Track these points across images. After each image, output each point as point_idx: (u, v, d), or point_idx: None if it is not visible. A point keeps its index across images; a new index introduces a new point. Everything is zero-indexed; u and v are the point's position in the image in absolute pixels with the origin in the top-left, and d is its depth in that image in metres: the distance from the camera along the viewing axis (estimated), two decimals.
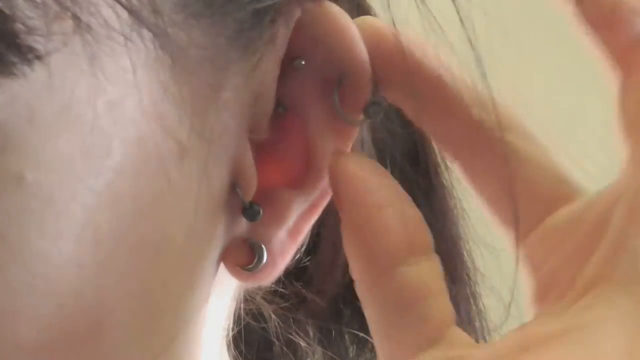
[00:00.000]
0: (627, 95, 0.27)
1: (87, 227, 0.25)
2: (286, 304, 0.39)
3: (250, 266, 0.30)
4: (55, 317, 0.25)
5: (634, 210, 0.26)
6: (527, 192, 0.29)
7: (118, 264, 0.26)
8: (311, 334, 0.40)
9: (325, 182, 0.31)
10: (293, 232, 0.31)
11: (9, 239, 0.24)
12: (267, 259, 0.30)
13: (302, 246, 0.37)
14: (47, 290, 0.25)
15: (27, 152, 0.24)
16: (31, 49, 0.23)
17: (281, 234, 0.31)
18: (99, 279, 0.26)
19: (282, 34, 0.29)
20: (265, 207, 0.30)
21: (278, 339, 0.40)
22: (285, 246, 0.31)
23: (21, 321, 0.25)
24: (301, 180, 0.31)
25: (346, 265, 0.30)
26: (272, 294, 0.38)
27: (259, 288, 0.37)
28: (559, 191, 0.29)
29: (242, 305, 0.36)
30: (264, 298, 0.38)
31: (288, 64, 0.30)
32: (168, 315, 0.29)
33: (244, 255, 0.30)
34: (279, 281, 0.38)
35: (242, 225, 0.30)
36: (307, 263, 0.36)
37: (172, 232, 0.28)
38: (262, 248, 0.30)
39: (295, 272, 0.37)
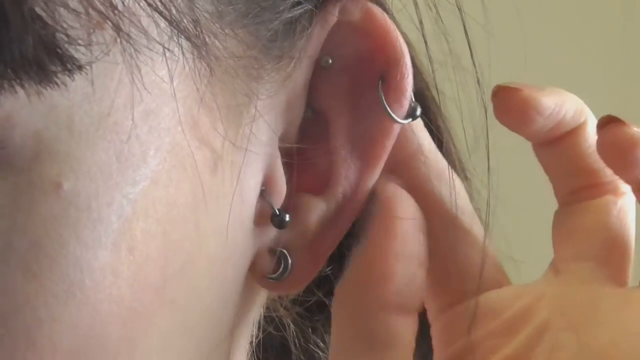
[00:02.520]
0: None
1: (123, 235, 0.26)
2: (305, 312, 0.39)
3: (275, 275, 0.30)
4: (91, 325, 0.25)
5: (558, 308, 0.30)
6: (462, 270, 0.32)
7: (152, 271, 0.26)
8: (328, 342, 0.40)
9: (348, 190, 0.30)
10: (319, 241, 0.31)
11: (46, 247, 0.25)
12: (292, 268, 0.30)
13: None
14: (83, 298, 0.25)
15: (65, 160, 0.25)
16: (72, 59, 0.24)
17: (307, 243, 0.31)
18: (134, 287, 0.26)
19: (316, 38, 0.30)
20: (292, 214, 0.30)
21: (295, 347, 0.39)
22: (311, 256, 0.31)
23: (57, 329, 0.25)
24: (324, 186, 0.31)
25: None
26: (292, 301, 0.38)
27: (281, 296, 0.37)
28: (493, 276, 0.32)
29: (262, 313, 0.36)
30: (282, 304, 0.38)
31: (317, 64, 0.30)
32: (201, 325, 0.29)
33: (269, 264, 0.30)
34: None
35: (270, 233, 0.30)
36: (328, 272, 0.36)
37: (205, 240, 0.28)
38: (287, 257, 0.30)
39: (316, 280, 0.37)
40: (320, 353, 0.40)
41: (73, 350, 0.25)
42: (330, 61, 0.30)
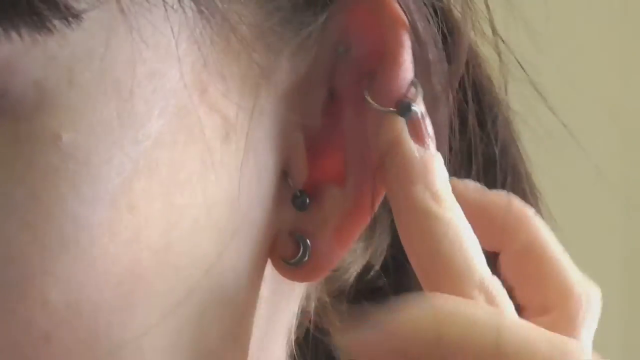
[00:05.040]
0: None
1: (122, 194, 0.25)
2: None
3: (293, 260, 0.30)
4: (84, 282, 0.25)
5: None
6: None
7: (153, 233, 0.26)
8: None
9: (369, 181, 0.30)
10: (340, 232, 0.30)
11: (43, 199, 0.25)
12: (311, 256, 0.30)
13: (373, 266, 0.36)
14: (78, 253, 0.25)
15: (65, 112, 0.25)
16: (67, 6, 0.24)
17: (327, 232, 0.30)
18: (132, 247, 0.26)
19: (337, 18, 0.29)
20: (312, 200, 0.30)
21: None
22: (331, 245, 0.30)
23: (49, 282, 0.25)
24: (344, 175, 0.30)
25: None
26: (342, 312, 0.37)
27: (332, 305, 0.36)
28: None
29: (312, 319, 0.36)
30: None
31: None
32: (209, 297, 0.28)
33: (288, 249, 0.30)
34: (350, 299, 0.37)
35: (290, 216, 0.30)
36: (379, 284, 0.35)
37: (214, 210, 0.28)
38: (306, 241, 0.30)
39: (366, 293, 0.36)
40: None
41: (64, 306, 0.25)
42: (344, 50, 0.29)
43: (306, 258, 0.30)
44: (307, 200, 0.30)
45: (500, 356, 0.25)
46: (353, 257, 0.35)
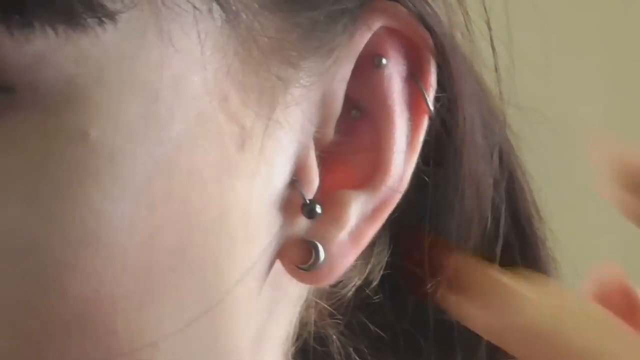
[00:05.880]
0: None
1: (143, 192, 0.26)
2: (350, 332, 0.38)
3: (306, 265, 0.30)
4: (103, 276, 0.26)
5: None
6: None
7: (170, 234, 0.27)
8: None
9: (390, 184, 0.31)
10: (355, 236, 0.31)
11: (68, 192, 0.25)
12: (325, 260, 0.30)
13: (371, 282, 0.36)
14: (99, 248, 0.26)
15: (93, 110, 0.25)
16: (102, 6, 0.25)
17: (342, 236, 0.31)
18: (151, 245, 0.26)
19: (359, 38, 0.30)
20: (326, 207, 0.30)
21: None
22: (345, 249, 0.31)
23: (68, 274, 0.25)
24: (365, 181, 0.31)
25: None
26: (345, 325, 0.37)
27: (331, 314, 0.37)
28: None
29: (311, 330, 0.36)
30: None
31: (366, 63, 0.31)
32: (214, 296, 0.29)
33: (301, 254, 0.30)
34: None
35: (302, 224, 0.31)
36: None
37: (228, 215, 0.28)
38: (318, 247, 0.30)
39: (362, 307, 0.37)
40: None
41: (83, 299, 0.26)
42: (384, 62, 0.31)
43: (320, 262, 0.30)
44: (318, 209, 0.30)
45: None
46: (353, 272, 0.35)
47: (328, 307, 0.35)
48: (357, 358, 0.37)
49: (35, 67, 0.25)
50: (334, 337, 0.36)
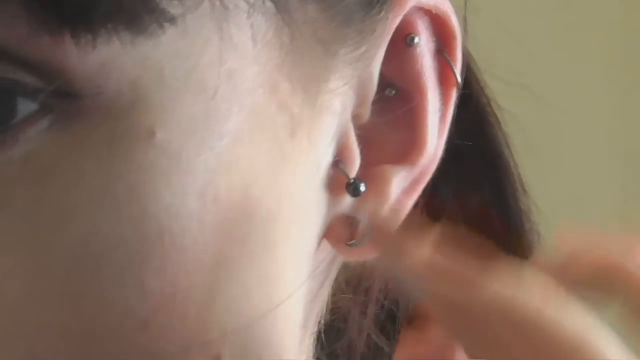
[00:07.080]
0: None
1: (209, 186, 0.27)
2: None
3: (354, 241, 0.32)
4: (177, 269, 0.27)
5: None
6: None
7: (234, 223, 0.28)
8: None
9: (427, 157, 0.32)
10: (397, 209, 0.32)
11: (140, 192, 0.26)
12: (370, 234, 0.31)
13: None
14: (172, 243, 0.26)
15: (158, 110, 0.26)
16: (164, 12, 0.25)
17: (385, 210, 0.32)
18: (217, 237, 0.27)
19: (392, 19, 0.31)
20: (368, 184, 0.31)
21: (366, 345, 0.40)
22: (390, 221, 0.32)
23: (147, 270, 0.26)
24: (404, 156, 0.32)
25: None
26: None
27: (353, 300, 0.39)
28: None
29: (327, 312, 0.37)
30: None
31: (398, 42, 0.32)
32: (272, 279, 0.29)
33: (348, 231, 0.32)
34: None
35: (346, 202, 0.32)
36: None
37: (283, 201, 0.29)
38: (364, 222, 0.31)
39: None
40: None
41: (160, 293, 0.26)
42: (416, 40, 0.32)
43: (366, 237, 0.31)
44: (362, 187, 0.31)
45: None
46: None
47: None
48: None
49: (100, 74, 0.25)
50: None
